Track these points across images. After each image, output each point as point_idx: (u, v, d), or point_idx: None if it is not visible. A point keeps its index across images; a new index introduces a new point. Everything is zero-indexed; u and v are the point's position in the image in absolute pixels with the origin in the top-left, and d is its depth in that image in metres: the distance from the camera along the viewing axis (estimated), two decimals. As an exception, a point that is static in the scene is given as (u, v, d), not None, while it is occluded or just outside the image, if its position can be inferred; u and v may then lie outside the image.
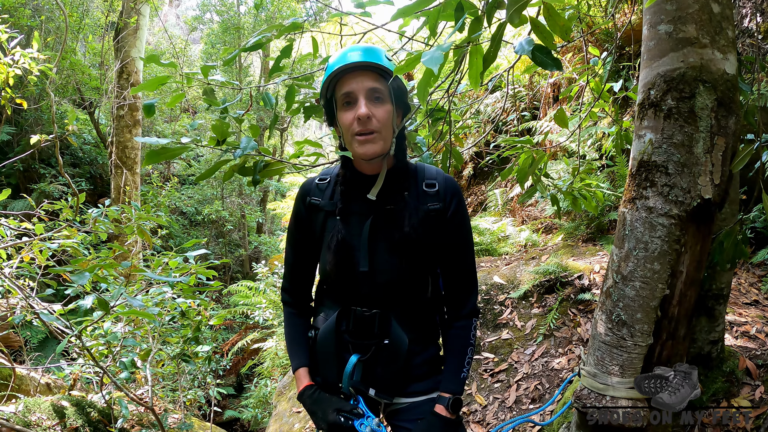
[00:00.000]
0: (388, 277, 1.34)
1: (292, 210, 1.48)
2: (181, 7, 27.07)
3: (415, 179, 1.39)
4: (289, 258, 1.51)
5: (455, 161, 2.25)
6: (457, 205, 1.37)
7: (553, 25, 1.22)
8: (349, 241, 1.34)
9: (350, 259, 1.34)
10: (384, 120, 1.28)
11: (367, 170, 1.37)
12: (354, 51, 1.28)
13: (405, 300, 1.38)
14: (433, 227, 1.35)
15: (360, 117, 1.25)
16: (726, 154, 1.37)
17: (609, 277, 1.55)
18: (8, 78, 3.62)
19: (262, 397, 6.48)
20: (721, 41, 1.38)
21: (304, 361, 1.45)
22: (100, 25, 10.94)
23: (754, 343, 2.52)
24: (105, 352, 2.65)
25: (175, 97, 1.70)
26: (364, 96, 1.26)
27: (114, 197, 7.40)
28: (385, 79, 1.28)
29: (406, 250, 1.32)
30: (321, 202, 1.40)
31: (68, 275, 1.94)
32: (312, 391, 1.40)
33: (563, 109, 2.39)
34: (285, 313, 1.55)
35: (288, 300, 1.54)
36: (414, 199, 1.35)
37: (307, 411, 1.40)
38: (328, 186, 1.42)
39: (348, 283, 1.37)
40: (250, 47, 1.69)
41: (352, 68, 1.26)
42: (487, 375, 3.26)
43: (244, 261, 13.86)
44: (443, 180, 1.39)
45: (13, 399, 3.05)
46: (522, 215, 5.82)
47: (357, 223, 1.36)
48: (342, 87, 1.29)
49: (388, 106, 1.29)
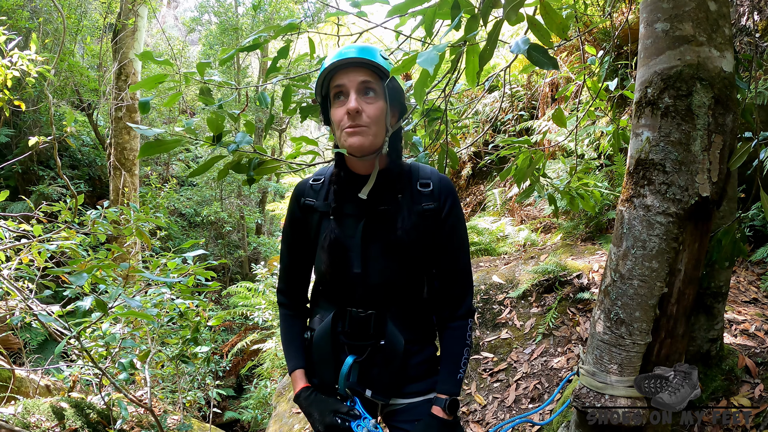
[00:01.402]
0: (382, 279, 1.33)
1: (287, 211, 1.47)
2: (179, 9, 27.07)
3: (410, 179, 1.38)
4: (285, 259, 1.50)
5: (451, 162, 2.25)
6: (452, 205, 1.36)
7: (551, 23, 1.22)
8: (342, 242, 1.33)
9: (344, 260, 1.33)
10: (374, 116, 1.26)
11: (361, 170, 1.36)
12: (348, 49, 1.28)
13: (400, 301, 1.37)
14: (428, 227, 1.34)
15: (350, 111, 1.23)
16: (723, 151, 1.37)
17: (607, 276, 1.54)
18: (6, 80, 3.62)
19: (262, 398, 6.47)
20: (718, 39, 1.38)
21: (301, 362, 1.45)
22: (98, 26, 10.94)
23: (753, 341, 2.52)
24: (104, 353, 2.65)
25: (173, 96, 1.69)
26: (355, 90, 1.25)
27: (113, 199, 7.39)
28: (379, 77, 1.27)
29: (400, 251, 1.31)
30: (315, 203, 1.39)
31: (67, 277, 1.94)
32: (308, 393, 1.39)
33: (561, 109, 2.40)
34: (281, 315, 1.54)
35: (284, 301, 1.53)
36: (408, 200, 1.34)
37: (304, 413, 1.40)
38: (323, 187, 1.41)
39: (342, 284, 1.36)
40: (248, 47, 1.69)
41: (345, 64, 1.26)
42: (486, 374, 3.26)
43: (243, 262, 13.85)
44: (438, 180, 1.38)
45: (12, 400, 3.05)
46: (521, 215, 5.82)
47: (351, 224, 1.35)
48: (334, 81, 1.28)
49: (380, 103, 1.27)
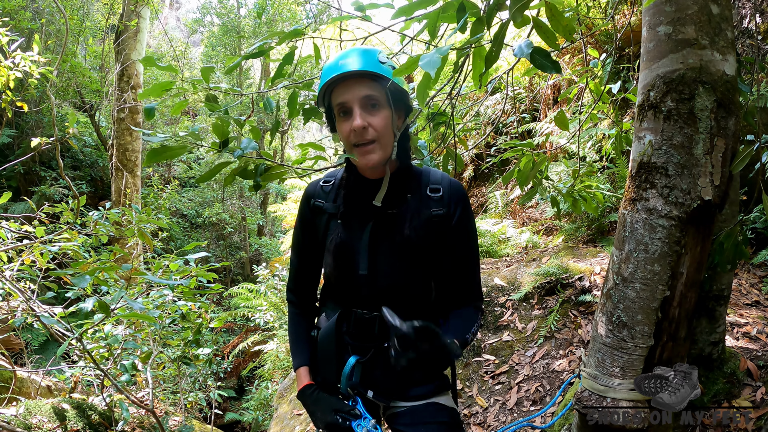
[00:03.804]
0: (389, 281, 1.34)
1: (298, 211, 1.49)
2: (181, 10, 27.14)
3: (419, 183, 1.37)
4: (294, 259, 1.52)
5: (457, 165, 2.25)
6: (462, 211, 1.34)
7: (556, 25, 1.20)
8: (349, 243, 1.34)
9: (350, 261, 1.34)
10: (381, 127, 1.25)
11: (370, 174, 1.36)
12: (346, 57, 1.25)
13: (406, 304, 1.36)
14: (436, 233, 1.33)
15: (355, 129, 1.23)
16: (726, 155, 1.37)
17: (609, 279, 1.54)
18: (9, 81, 3.63)
19: (263, 399, 6.47)
20: (721, 42, 1.38)
21: (306, 360, 1.46)
22: (101, 28, 10.97)
23: (755, 344, 2.51)
24: (106, 354, 2.65)
25: (179, 104, 1.71)
26: (359, 105, 1.24)
27: (115, 200, 7.40)
28: (381, 84, 1.25)
29: (407, 253, 1.31)
30: (325, 205, 1.40)
31: (69, 278, 1.94)
32: (311, 391, 1.40)
33: (563, 112, 2.39)
34: (289, 312, 1.56)
35: (293, 299, 1.55)
36: (417, 203, 1.34)
37: (306, 410, 1.41)
38: (333, 188, 1.42)
39: (348, 285, 1.37)
40: (253, 54, 1.69)
41: (344, 77, 1.24)
42: (487, 377, 3.25)
43: (244, 263, 13.86)
44: (448, 185, 1.36)
45: (13, 402, 3.05)
46: (522, 217, 5.82)
47: (359, 226, 1.35)
48: (337, 97, 1.27)
49: (385, 111, 1.26)
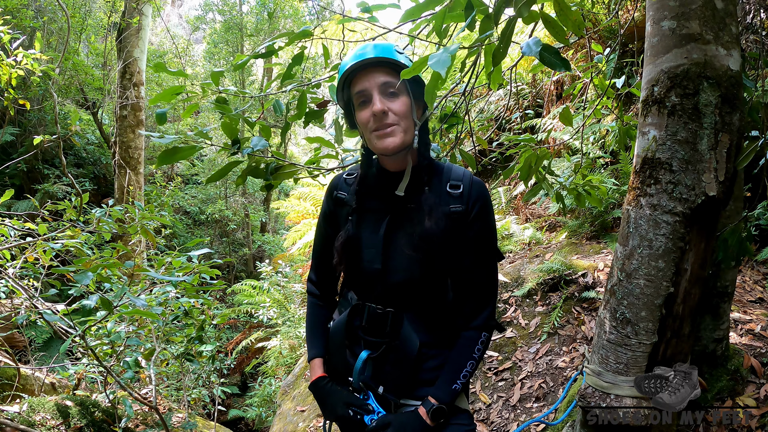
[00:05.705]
0: (403, 277, 1.32)
1: (322, 203, 1.50)
2: (183, 7, 27.11)
3: (440, 178, 1.35)
4: (316, 250, 1.53)
5: (468, 163, 2.24)
6: (481, 210, 1.31)
7: (565, 20, 1.19)
8: (358, 238, 1.34)
9: (356, 256, 1.34)
10: (401, 112, 1.25)
11: (391, 167, 1.35)
12: (364, 49, 1.27)
13: (421, 301, 1.34)
14: (453, 230, 1.30)
15: (375, 113, 1.23)
16: (730, 151, 1.36)
17: (613, 275, 1.54)
18: (11, 79, 3.64)
19: (266, 396, 6.49)
20: (725, 37, 1.36)
21: (321, 351, 1.46)
22: (103, 25, 10.96)
23: (759, 341, 2.50)
24: (109, 351, 2.66)
25: (190, 108, 1.71)
26: (378, 91, 1.24)
27: (117, 197, 7.42)
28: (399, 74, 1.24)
29: (422, 247, 1.29)
30: (346, 197, 1.41)
31: (72, 275, 1.95)
32: (325, 383, 1.40)
33: (568, 108, 2.38)
34: (308, 303, 1.57)
35: (313, 290, 1.56)
36: (436, 198, 1.32)
37: (318, 401, 1.41)
38: (355, 181, 1.42)
39: (362, 279, 1.37)
40: (262, 54, 1.69)
41: (363, 65, 1.25)
42: (491, 373, 3.25)
43: (248, 260, 13.89)
44: (469, 183, 1.33)
45: (17, 399, 3.07)
46: (526, 213, 5.80)
47: (375, 221, 1.34)
48: (355, 86, 1.28)
49: (404, 98, 1.26)
